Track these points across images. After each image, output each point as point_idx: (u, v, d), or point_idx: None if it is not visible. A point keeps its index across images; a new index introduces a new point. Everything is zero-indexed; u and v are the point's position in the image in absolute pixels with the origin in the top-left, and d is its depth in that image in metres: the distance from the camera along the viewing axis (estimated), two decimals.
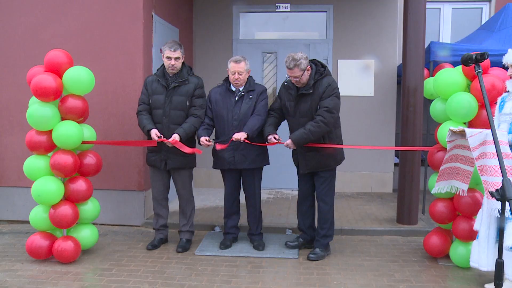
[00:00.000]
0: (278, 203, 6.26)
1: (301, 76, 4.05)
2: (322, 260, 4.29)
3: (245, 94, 4.37)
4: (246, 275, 3.94)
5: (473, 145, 3.39)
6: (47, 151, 4.14)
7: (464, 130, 3.49)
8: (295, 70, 4.02)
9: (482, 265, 3.54)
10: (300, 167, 4.33)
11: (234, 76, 4.30)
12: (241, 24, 7.11)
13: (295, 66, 4.00)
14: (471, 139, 3.40)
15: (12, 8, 5.34)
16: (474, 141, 3.39)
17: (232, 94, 4.39)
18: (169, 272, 3.99)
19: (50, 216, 4.07)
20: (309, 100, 4.12)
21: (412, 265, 4.18)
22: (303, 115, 4.16)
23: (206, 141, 4.26)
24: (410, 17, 5.03)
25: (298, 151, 4.27)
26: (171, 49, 4.25)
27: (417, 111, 5.04)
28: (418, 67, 5.02)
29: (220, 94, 4.42)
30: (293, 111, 4.22)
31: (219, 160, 4.43)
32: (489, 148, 3.30)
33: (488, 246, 3.49)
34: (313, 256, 4.29)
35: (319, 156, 4.20)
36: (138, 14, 5.11)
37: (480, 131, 3.40)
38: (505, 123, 3.50)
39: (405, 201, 5.18)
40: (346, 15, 6.85)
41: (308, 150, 4.19)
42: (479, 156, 3.37)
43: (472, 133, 3.42)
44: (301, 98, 4.16)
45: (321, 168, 4.24)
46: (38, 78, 3.94)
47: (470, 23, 7.29)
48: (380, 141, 6.84)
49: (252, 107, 4.36)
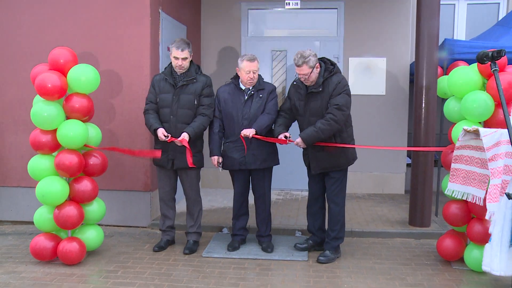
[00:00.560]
0: (287, 204, 6.21)
1: (309, 73, 4.01)
2: (332, 263, 4.24)
3: (254, 93, 4.32)
4: (255, 277, 3.90)
5: (487, 145, 3.30)
6: (51, 151, 4.11)
7: (478, 129, 3.41)
8: (304, 67, 3.98)
9: (494, 269, 3.43)
10: (311, 167, 4.27)
11: (249, 76, 4.24)
12: (250, 21, 7.06)
13: (303, 63, 3.97)
14: (485, 138, 3.31)
15: (15, 5, 5.31)
16: (489, 141, 3.30)
17: (242, 93, 4.34)
18: (176, 274, 3.96)
19: (55, 217, 4.04)
20: (319, 98, 4.07)
21: (425, 268, 4.11)
22: (313, 114, 4.11)
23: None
24: (423, 14, 4.95)
25: (309, 151, 4.22)
26: (178, 49, 4.21)
27: (430, 111, 4.98)
28: (432, 65, 4.95)
29: (229, 93, 4.37)
30: (303, 110, 4.18)
31: (230, 160, 4.38)
32: (502, 149, 3.22)
33: (501, 250, 3.39)
34: (323, 258, 4.24)
35: (330, 156, 4.14)
36: (145, 11, 5.07)
37: (495, 131, 3.31)
38: None
39: (418, 202, 5.11)
40: (357, 12, 6.78)
41: (319, 150, 4.14)
42: (491, 158, 3.29)
43: (486, 133, 3.33)
44: (310, 97, 4.12)
45: (332, 168, 4.19)
46: (42, 76, 3.92)
47: (486, 19, 7.17)
48: (392, 141, 6.78)
49: (263, 106, 4.32)
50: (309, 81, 4.07)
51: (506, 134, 3.20)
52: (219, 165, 4.43)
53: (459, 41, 5.36)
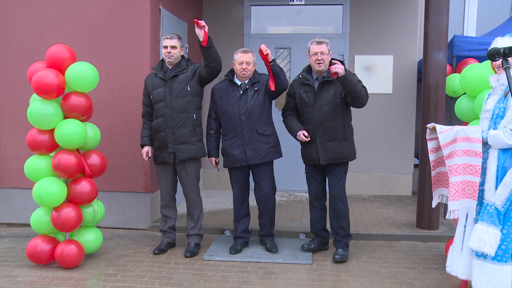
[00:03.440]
0: (291, 206, 6.16)
1: (326, 54, 4.13)
2: (337, 266, 4.19)
3: (249, 87, 4.31)
4: (257, 281, 3.85)
5: (443, 143, 3.32)
6: (49, 151, 4.08)
7: (435, 126, 3.43)
8: (323, 46, 4.13)
9: (454, 270, 3.43)
10: (320, 158, 4.24)
11: (241, 66, 4.26)
12: (253, 18, 7.01)
13: (324, 42, 4.14)
14: (441, 135, 3.33)
15: (12, 2, 5.25)
16: (445, 138, 3.32)
17: (236, 87, 4.35)
18: (177, 278, 3.91)
19: (52, 219, 4.00)
20: (333, 87, 4.16)
21: (433, 272, 4.04)
22: (326, 103, 4.16)
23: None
24: (431, 9, 4.87)
25: (318, 141, 4.22)
26: (167, 36, 4.29)
27: (438, 110, 4.91)
28: (440, 62, 4.87)
29: (223, 90, 4.39)
30: (312, 101, 4.21)
31: (230, 158, 4.36)
32: (459, 146, 3.22)
33: (462, 252, 3.37)
34: (338, 257, 4.27)
35: (339, 147, 4.20)
36: (145, 7, 5.01)
37: (451, 127, 3.32)
38: (486, 120, 3.36)
39: (425, 204, 5.02)
40: (364, 8, 6.71)
41: (328, 140, 4.19)
42: (448, 155, 3.29)
43: (442, 130, 3.35)
44: (323, 86, 4.18)
45: (340, 159, 4.22)
46: (40, 74, 3.89)
47: (497, 15, 7.10)
48: (399, 140, 6.72)
49: (260, 99, 4.30)
50: (322, 65, 4.13)
51: (462, 131, 3.22)
52: (217, 165, 4.50)
53: (469, 38, 5.30)
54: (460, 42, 5.17)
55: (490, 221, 3.13)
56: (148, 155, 4.40)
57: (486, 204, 3.20)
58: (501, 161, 3.16)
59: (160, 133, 4.30)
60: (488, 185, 3.19)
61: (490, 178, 3.19)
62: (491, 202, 3.16)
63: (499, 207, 3.13)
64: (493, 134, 3.17)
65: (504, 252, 3.12)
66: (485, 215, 3.17)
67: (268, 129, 4.35)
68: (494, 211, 3.14)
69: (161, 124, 4.28)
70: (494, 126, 3.24)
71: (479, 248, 3.12)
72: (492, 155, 3.20)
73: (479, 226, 3.17)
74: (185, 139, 4.27)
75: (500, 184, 3.12)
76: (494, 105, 3.30)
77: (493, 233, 3.10)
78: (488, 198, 3.19)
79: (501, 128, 3.16)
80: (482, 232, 3.12)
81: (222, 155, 4.45)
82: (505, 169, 3.13)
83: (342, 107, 4.16)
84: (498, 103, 3.26)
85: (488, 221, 3.14)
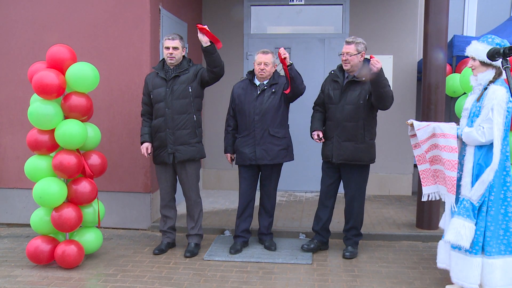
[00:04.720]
0: (291, 206, 6.15)
1: (353, 55, 4.11)
2: (337, 266, 4.19)
3: (267, 88, 4.34)
4: (257, 281, 3.85)
5: (421, 139, 3.49)
6: (49, 151, 4.07)
7: (413, 123, 3.59)
8: (351, 46, 4.11)
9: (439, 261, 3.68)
10: (334, 155, 4.27)
11: (259, 67, 4.29)
12: (253, 18, 6.99)
13: (353, 42, 4.12)
14: (419, 132, 3.49)
15: (12, 2, 5.25)
16: (422, 135, 3.47)
17: (255, 88, 4.39)
18: (177, 278, 3.91)
19: (52, 219, 3.99)
20: (359, 88, 4.17)
21: (433, 272, 4.04)
22: (349, 103, 4.18)
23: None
24: (431, 9, 4.87)
25: (335, 139, 4.24)
26: (169, 37, 4.26)
27: (438, 110, 4.90)
28: (440, 62, 4.86)
29: (242, 89, 4.44)
30: (338, 99, 4.23)
31: (240, 155, 4.41)
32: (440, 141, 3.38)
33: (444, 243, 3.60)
34: (349, 254, 4.36)
35: (355, 148, 4.20)
36: (145, 7, 5.00)
37: (427, 124, 3.50)
38: (464, 118, 3.54)
39: (425, 204, 5.01)
40: (363, 8, 6.71)
41: (345, 139, 4.20)
42: (429, 148, 3.46)
43: (420, 126, 3.51)
44: (350, 85, 4.20)
45: (354, 160, 4.22)
46: (40, 74, 3.88)
47: (497, 14, 7.08)
48: (399, 141, 6.70)
49: (277, 100, 4.31)
50: (348, 65, 4.14)
51: (438, 127, 3.41)
52: (232, 161, 4.55)
53: (469, 38, 5.27)
54: (460, 42, 5.18)
55: (466, 215, 3.30)
56: (148, 151, 4.38)
57: (462, 199, 3.37)
58: (476, 158, 3.33)
59: (160, 133, 4.29)
60: (465, 181, 3.36)
61: (467, 174, 3.36)
62: (467, 197, 3.33)
63: (475, 202, 3.30)
64: (467, 132, 3.35)
65: (475, 244, 3.30)
66: (461, 209, 3.34)
67: (280, 132, 4.36)
68: (470, 206, 3.31)
69: (161, 124, 4.27)
70: (471, 124, 3.41)
71: (456, 242, 3.30)
72: (469, 151, 3.38)
73: (456, 220, 3.34)
74: (185, 140, 4.26)
75: (478, 181, 3.27)
76: (472, 103, 3.47)
77: (469, 226, 3.28)
78: (464, 193, 3.36)
79: (476, 126, 3.32)
80: (459, 226, 3.30)
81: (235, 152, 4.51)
82: (480, 166, 3.30)
83: (364, 109, 4.15)
84: (475, 102, 3.42)
85: (464, 215, 3.31)
